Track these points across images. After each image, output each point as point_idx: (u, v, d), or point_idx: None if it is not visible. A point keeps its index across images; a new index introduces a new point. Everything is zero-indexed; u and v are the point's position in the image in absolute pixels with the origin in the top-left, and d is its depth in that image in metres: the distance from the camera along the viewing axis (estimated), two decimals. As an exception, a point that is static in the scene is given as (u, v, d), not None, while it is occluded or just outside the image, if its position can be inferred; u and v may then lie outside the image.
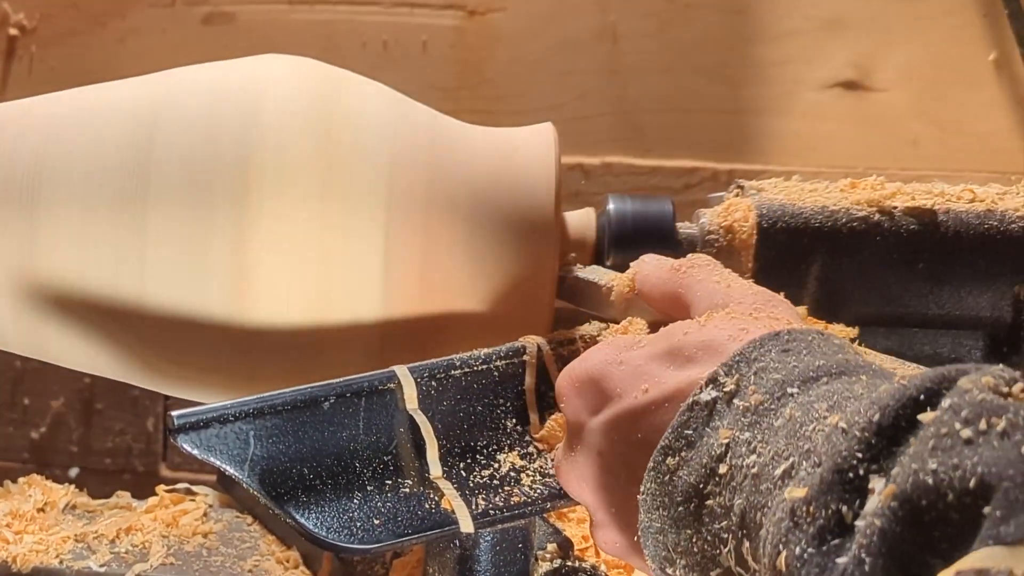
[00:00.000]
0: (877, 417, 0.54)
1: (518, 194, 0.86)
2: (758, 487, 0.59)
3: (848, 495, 0.54)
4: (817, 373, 0.62)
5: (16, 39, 1.48)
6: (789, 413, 0.60)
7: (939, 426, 0.52)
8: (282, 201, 0.82)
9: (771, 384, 0.62)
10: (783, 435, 0.59)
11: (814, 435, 0.57)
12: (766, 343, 0.64)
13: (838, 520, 0.53)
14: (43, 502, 0.99)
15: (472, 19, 1.44)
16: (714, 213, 0.92)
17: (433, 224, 0.84)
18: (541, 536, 0.88)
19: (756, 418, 0.61)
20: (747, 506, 0.59)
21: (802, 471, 0.56)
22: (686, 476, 0.63)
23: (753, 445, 0.60)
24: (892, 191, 0.92)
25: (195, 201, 0.82)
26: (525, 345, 0.81)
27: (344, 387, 0.76)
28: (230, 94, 0.85)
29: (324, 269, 0.82)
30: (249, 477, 0.74)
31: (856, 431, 0.55)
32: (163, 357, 0.86)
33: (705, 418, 0.63)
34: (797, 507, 0.55)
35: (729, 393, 0.63)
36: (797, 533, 0.54)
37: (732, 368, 0.64)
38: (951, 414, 0.52)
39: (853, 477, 0.54)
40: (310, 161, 0.83)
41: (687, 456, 0.63)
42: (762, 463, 0.59)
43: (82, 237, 0.83)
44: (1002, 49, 1.38)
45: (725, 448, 0.61)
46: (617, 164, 1.44)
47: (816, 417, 0.58)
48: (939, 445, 0.51)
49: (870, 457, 0.54)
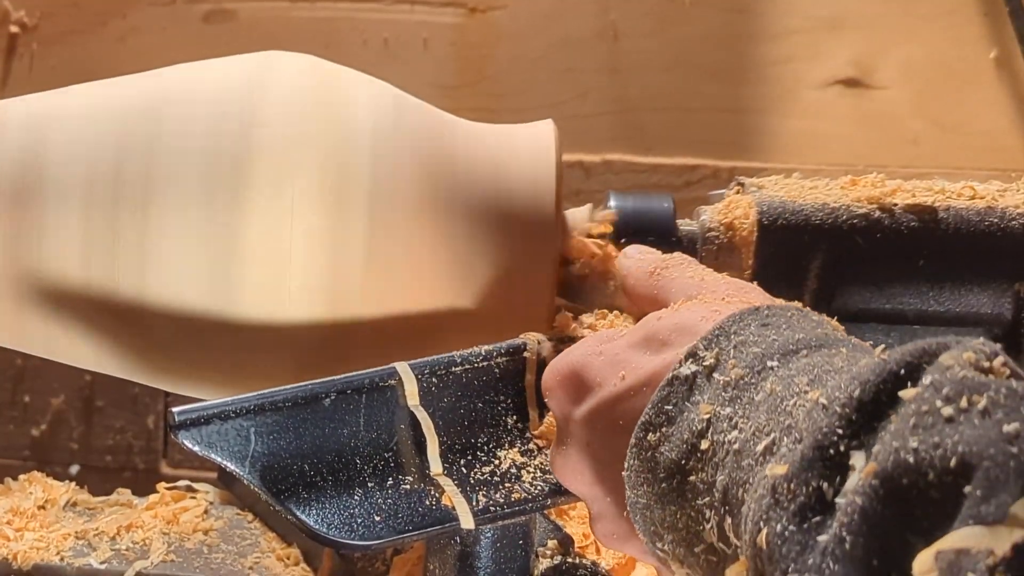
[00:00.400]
0: (858, 393, 0.54)
1: (519, 191, 0.86)
2: (740, 463, 0.59)
3: (829, 472, 0.53)
4: (797, 346, 0.61)
5: (17, 37, 1.48)
6: (770, 387, 0.60)
7: (920, 403, 0.52)
8: (280, 198, 0.82)
9: (751, 357, 0.62)
10: (764, 410, 0.59)
11: (795, 410, 0.57)
12: (745, 317, 0.65)
13: (819, 497, 0.53)
14: (44, 499, 0.99)
15: (473, 17, 1.44)
16: (715, 210, 0.92)
17: (433, 221, 0.84)
18: (542, 533, 0.88)
19: (737, 392, 0.61)
20: (729, 482, 0.59)
21: (783, 447, 0.56)
22: (668, 452, 0.63)
23: (734, 420, 0.60)
24: (892, 188, 0.92)
25: (195, 198, 0.82)
26: (526, 342, 0.81)
27: (345, 384, 0.76)
28: (230, 91, 0.85)
29: (322, 266, 0.82)
30: (250, 473, 0.74)
31: (837, 407, 0.54)
32: (164, 354, 0.86)
33: (685, 392, 0.63)
34: (778, 484, 0.54)
35: (709, 367, 0.63)
36: (778, 510, 0.54)
37: (711, 342, 0.64)
38: (932, 391, 0.52)
39: (834, 454, 0.53)
40: (309, 159, 0.83)
41: (668, 432, 0.63)
42: (743, 439, 0.59)
43: (83, 233, 0.83)
44: (1003, 47, 1.38)
45: (706, 423, 0.61)
46: (618, 162, 1.44)
47: (797, 392, 0.58)
48: (920, 423, 0.51)
49: (851, 433, 0.54)
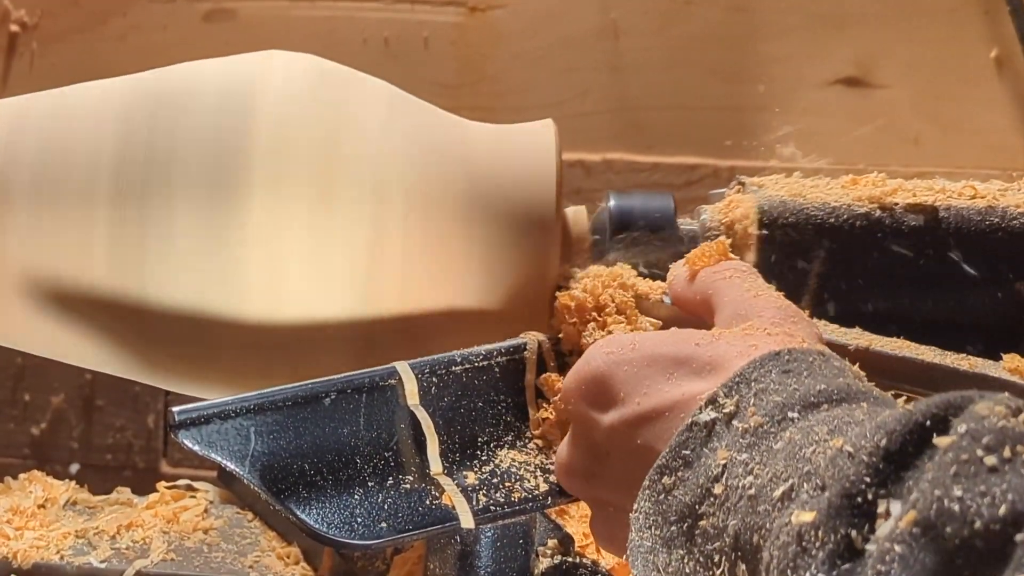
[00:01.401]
0: (884, 442, 0.54)
1: (519, 191, 0.86)
2: (755, 508, 0.58)
3: (857, 520, 0.53)
4: (818, 399, 0.61)
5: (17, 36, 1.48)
6: (789, 436, 0.59)
7: (958, 452, 0.52)
8: (279, 198, 0.82)
9: (771, 407, 0.61)
10: (782, 457, 0.58)
11: (815, 457, 0.57)
12: (766, 363, 0.64)
13: (847, 545, 0.53)
14: (44, 498, 0.99)
15: (473, 16, 1.44)
16: (715, 209, 0.92)
17: (432, 220, 0.84)
18: (542, 532, 0.88)
19: (755, 440, 0.61)
20: (742, 527, 0.58)
21: (803, 493, 0.56)
22: (681, 496, 0.62)
23: (750, 466, 0.60)
24: (893, 187, 0.92)
25: (195, 197, 0.82)
26: (526, 341, 0.81)
27: (345, 383, 0.76)
28: (230, 91, 0.85)
29: (320, 265, 0.82)
30: (250, 473, 0.74)
31: (864, 455, 0.54)
32: (164, 353, 0.86)
33: (704, 439, 0.63)
34: (805, 531, 0.54)
35: (728, 414, 0.63)
36: (806, 558, 0.54)
37: (732, 389, 0.63)
38: (970, 440, 0.52)
39: (862, 502, 0.53)
40: (308, 158, 0.83)
41: (684, 476, 0.63)
42: (759, 484, 0.59)
43: (84, 233, 0.83)
44: (1003, 46, 1.38)
45: (722, 468, 0.61)
46: (618, 161, 1.44)
47: (816, 440, 0.58)
48: (962, 472, 0.51)
49: (878, 482, 0.53)
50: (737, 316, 0.72)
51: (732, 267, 0.77)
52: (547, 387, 0.80)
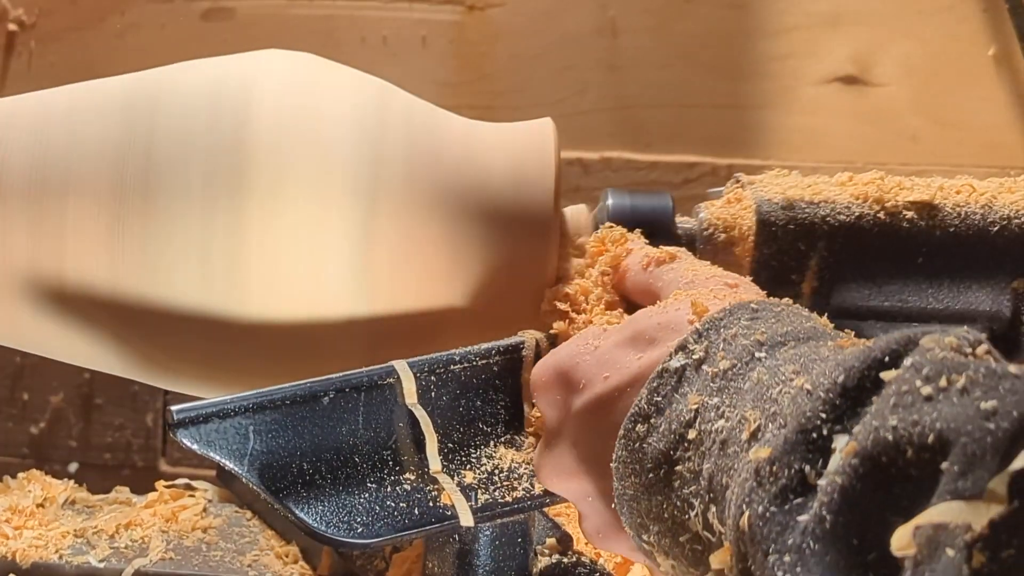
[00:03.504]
0: (842, 379, 0.55)
1: (517, 189, 0.86)
2: (725, 451, 0.59)
3: (812, 455, 0.54)
4: (785, 338, 0.62)
5: (15, 35, 1.48)
6: (757, 376, 0.60)
7: (900, 384, 0.52)
8: (276, 196, 0.82)
9: (739, 349, 0.62)
10: (750, 398, 0.59)
11: (780, 397, 0.57)
12: (736, 311, 0.65)
13: (801, 479, 0.53)
14: (42, 497, 0.99)
15: (472, 14, 1.44)
16: (713, 207, 0.92)
17: (430, 218, 0.84)
18: (540, 531, 0.88)
19: (724, 383, 0.61)
20: (715, 470, 0.59)
21: (768, 433, 0.56)
22: (655, 443, 0.63)
23: (721, 410, 0.60)
24: (891, 185, 0.92)
25: (193, 196, 0.82)
26: (523, 340, 0.81)
27: (343, 382, 0.76)
28: (227, 90, 0.85)
29: (317, 264, 0.82)
30: (248, 472, 0.74)
31: (821, 392, 0.55)
32: (162, 351, 0.86)
33: (674, 384, 0.63)
34: (761, 467, 0.55)
35: (698, 359, 0.63)
36: (760, 492, 0.54)
37: (702, 335, 0.64)
38: (912, 372, 0.53)
39: (817, 437, 0.54)
40: (306, 157, 0.83)
41: (656, 423, 0.63)
42: (729, 427, 0.59)
43: (82, 232, 0.83)
44: (1002, 44, 1.38)
45: (694, 414, 0.62)
46: (616, 159, 1.44)
47: (783, 380, 0.58)
48: (900, 402, 0.52)
49: (834, 418, 0.54)
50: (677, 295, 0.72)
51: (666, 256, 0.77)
52: None
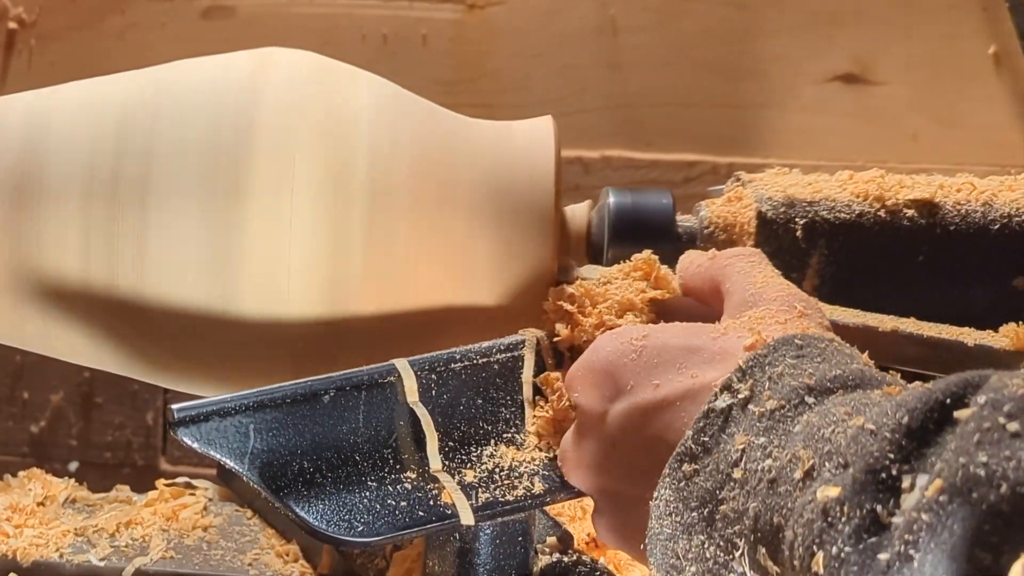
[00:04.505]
0: (906, 419, 0.54)
1: (518, 188, 0.86)
2: (775, 490, 0.58)
3: (882, 495, 0.53)
4: (833, 384, 0.62)
5: (15, 33, 1.48)
6: (807, 419, 0.60)
7: (980, 421, 0.52)
8: (278, 195, 0.82)
9: (787, 390, 0.62)
10: (800, 439, 0.59)
11: (835, 437, 0.57)
12: (779, 348, 0.65)
13: (873, 519, 0.53)
14: (43, 496, 0.99)
15: (472, 12, 1.44)
16: (714, 206, 0.92)
17: (431, 217, 0.84)
18: (541, 530, 0.88)
19: (771, 423, 0.61)
20: (762, 509, 0.59)
21: (825, 472, 0.56)
22: (702, 482, 0.63)
23: (769, 449, 0.60)
24: (892, 183, 0.92)
25: (194, 194, 0.82)
26: (524, 338, 0.81)
27: (344, 380, 0.76)
28: (229, 88, 0.84)
29: (319, 262, 0.82)
30: (249, 470, 0.74)
31: (886, 432, 0.55)
32: (163, 350, 0.86)
33: (721, 424, 0.63)
34: (830, 507, 0.54)
35: (744, 399, 0.63)
36: (832, 533, 0.54)
37: (745, 374, 0.64)
38: (991, 409, 0.52)
39: (886, 477, 0.54)
40: (306, 155, 0.83)
41: (704, 463, 0.63)
42: (778, 466, 0.59)
43: (82, 230, 0.83)
44: (1002, 43, 1.38)
45: (741, 453, 0.61)
46: (617, 158, 1.44)
47: (835, 420, 0.58)
48: (985, 439, 0.51)
49: (902, 458, 0.54)
50: (745, 304, 0.72)
51: (742, 253, 0.77)
52: (546, 385, 0.80)
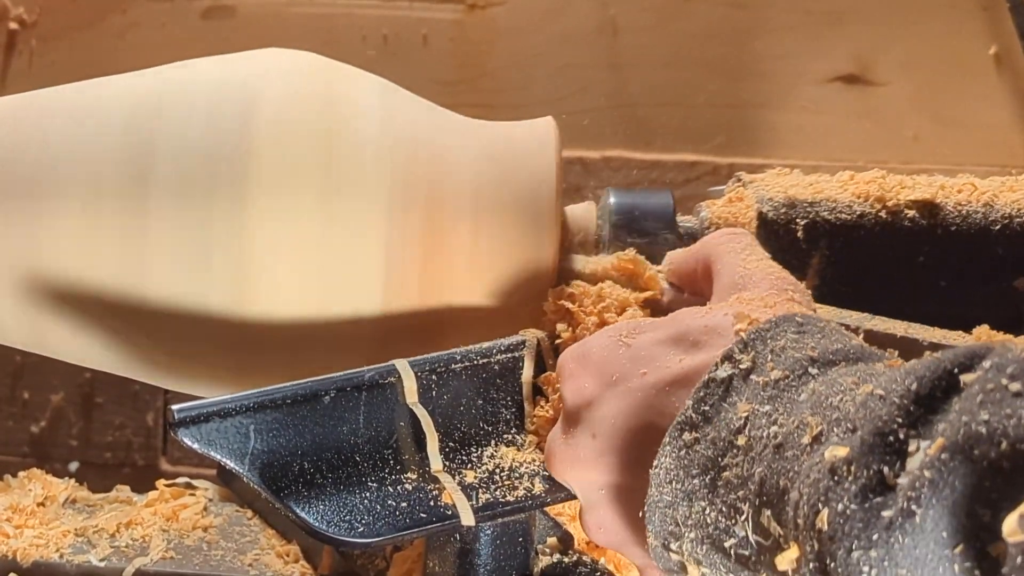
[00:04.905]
0: (915, 386, 0.55)
1: (519, 188, 0.86)
2: (782, 455, 0.59)
3: (889, 457, 0.54)
4: (836, 356, 0.63)
5: (16, 33, 1.48)
6: (813, 388, 0.61)
7: (985, 383, 0.53)
8: (282, 195, 0.82)
9: (791, 361, 0.63)
10: (807, 406, 0.60)
11: (843, 404, 0.58)
12: (781, 323, 0.65)
13: (880, 479, 0.54)
14: (43, 496, 0.99)
15: (472, 13, 1.44)
16: (714, 206, 0.92)
17: (433, 218, 0.84)
18: (542, 530, 0.88)
19: (776, 392, 0.62)
20: (768, 473, 0.59)
21: (833, 437, 0.57)
22: (703, 450, 0.64)
23: (774, 417, 0.61)
24: (893, 184, 0.92)
25: (196, 195, 0.82)
26: (525, 339, 0.81)
27: (344, 381, 0.76)
28: (230, 88, 0.85)
29: (324, 263, 0.82)
30: (249, 471, 0.74)
31: (895, 397, 0.56)
32: (164, 351, 0.86)
33: (722, 394, 0.64)
34: (838, 466, 0.55)
35: (745, 370, 0.64)
36: (839, 491, 0.55)
37: (748, 345, 0.65)
38: (995, 372, 0.53)
39: (893, 440, 0.54)
40: (310, 155, 0.83)
41: (705, 431, 0.64)
42: (785, 432, 0.60)
43: (84, 231, 0.83)
44: (1002, 43, 1.38)
45: (744, 421, 0.62)
46: (617, 158, 1.44)
47: (843, 389, 0.59)
48: (988, 399, 0.52)
49: (909, 423, 0.55)
50: (735, 286, 0.73)
51: (734, 233, 0.78)
52: (547, 385, 0.80)
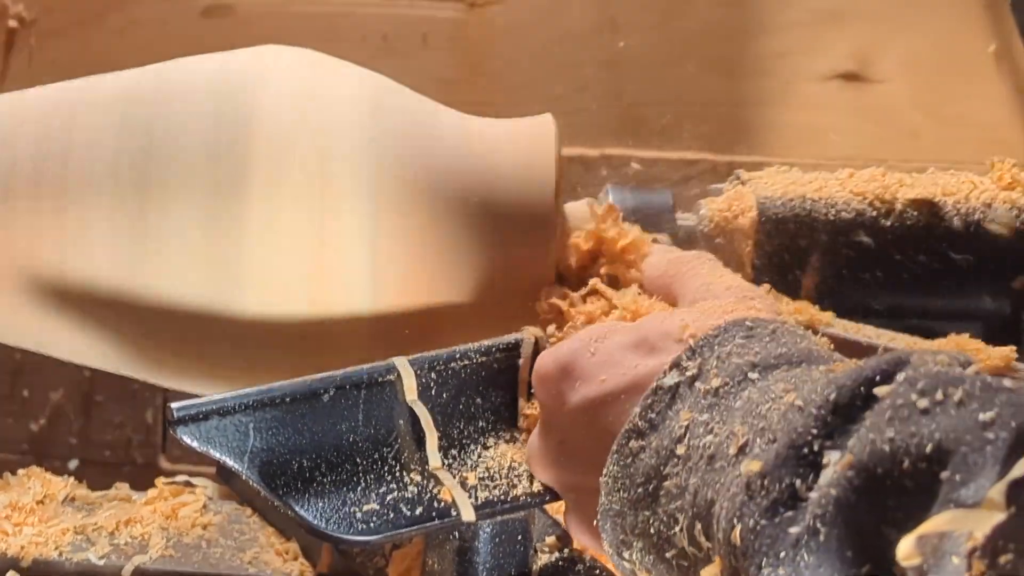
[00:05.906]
0: (833, 396, 0.55)
1: (518, 186, 0.86)
2: (712, 465, 0.59)
3: (802, 470, 0.54)
4: (778, 360, 0.62)
5: (16, 31, 1.48)
6: (748, 395, 0.60)
7: (895, 398, 0.53)
8: (277, 193, 0.82)
9: (732, 368, 0.63)
10: (739, 415, 0.60)
11: (769, 413, 0.58)
12: (730, 329, 0.65)
13: (791, 493, 0.54)
14: (42, 494, 0.99)
15: (472, 11, 1.44)
16: (714, 204, 0.92)
17: (431, 216, 0.84)
18: (540, 528, 0.88)
19: (715, 400, 0.62)
20: (700, 484, 0.60)
21: (756, 448, 0.57)
22: (647, 458, 0.64)
23: (710, 426, 0.61)
24: (892, 182, 0.92)
25: (193, 193, 0.82)
26: (524, 337, 0.81)
27: (344, 379, 0.76)
28: (228, 86, 0.84)
29: (319, 261, 0.82)
30: (249, 469, 0.74)
31: (812, 408, 0.55)
32: (162, 349, 0.86)
33: (668, 401, 0.64)
34: (752, 481, 0.55)
35: (692, 376, 0.64)
36: (751, 506, 0.55)
37: (695, 352, 0.65)
38: (907, 386, 0.53)
39: (807, 452, 0.54)
40: (307, 153, 0.83)
41: (650, 439, 0.64)
42: (717, 443, 0.60)
43: (80, 229, 0.83)
44: (1002, 40, 1.38)
45: (685, 429, 0.62)
46: (617, 156, 1.44)
47: (772, 397, 0.59)
48: (896, 415, 0.52)
49: (825, 434, 0.54)
50: (696, 300, 0.73)
51: (695, 255, 0.78)
52: None
